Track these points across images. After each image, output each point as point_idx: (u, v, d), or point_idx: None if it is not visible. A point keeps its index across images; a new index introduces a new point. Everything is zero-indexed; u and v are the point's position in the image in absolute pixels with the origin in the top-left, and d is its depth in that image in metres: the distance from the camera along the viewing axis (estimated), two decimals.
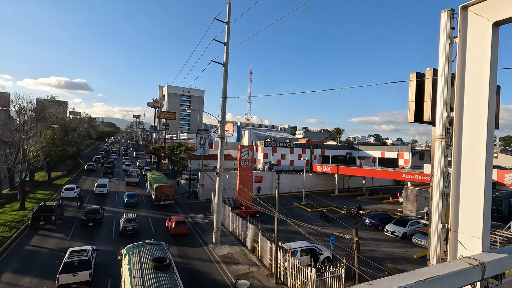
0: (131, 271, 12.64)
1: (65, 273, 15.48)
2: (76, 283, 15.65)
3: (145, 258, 13.79)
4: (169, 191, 34.41)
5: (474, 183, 3.17)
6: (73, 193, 35.31)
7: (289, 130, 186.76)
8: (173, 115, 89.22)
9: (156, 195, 33.96)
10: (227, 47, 23.62)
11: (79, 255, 16.69)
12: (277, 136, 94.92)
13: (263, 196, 37.78)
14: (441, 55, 3.55)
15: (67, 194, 35.14)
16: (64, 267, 15.74)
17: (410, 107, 4.80)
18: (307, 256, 19.40)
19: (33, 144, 30.70)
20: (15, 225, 24.68)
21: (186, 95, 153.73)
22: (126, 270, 13.04)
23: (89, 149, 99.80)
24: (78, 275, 15.66)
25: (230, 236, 25.09)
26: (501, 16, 2.97)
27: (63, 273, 15.45)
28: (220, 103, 24.03)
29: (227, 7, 23.35)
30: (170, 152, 61.20)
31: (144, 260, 13.53)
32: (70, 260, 16.09)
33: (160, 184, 34.79)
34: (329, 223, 29.21)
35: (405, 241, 25.73)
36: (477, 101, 3.15)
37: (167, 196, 34.16)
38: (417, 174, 36.65)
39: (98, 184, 38.37)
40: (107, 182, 39.74)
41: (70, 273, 15.55)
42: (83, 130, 65.63)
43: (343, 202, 39.40)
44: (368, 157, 73.59)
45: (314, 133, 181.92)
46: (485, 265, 2.70)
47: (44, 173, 46.81)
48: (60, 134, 44.72)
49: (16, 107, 34.25)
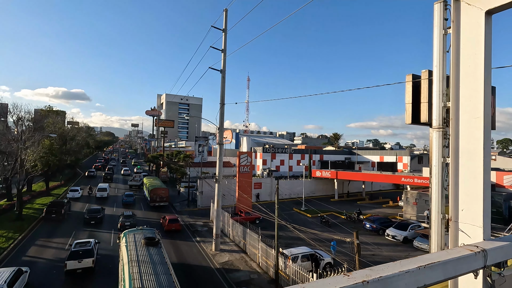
0: (127, 246, 15.48)
1: (71, 260, 17.79)
2: (81, 269, 17.89)
3: (138, 238, 16.66)
4: (163, 193, 37.24)
5: (473, 171, 3.16)
6: (77, 194, 40.09)
7: (287, 136, 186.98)
8: (172, 123, 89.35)
9: (151, 197, 36.69)
10: (224, 54, 23.81)
11: (83, 246, 19.06)
12: (276, 142, 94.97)
13: (262, 202, 37.59)
14: (436, 46, 3.59)
15: (72, 195, 39.68)
16: (70, 255, 18.15)
17: (407, 109, 4.82)
18: (308, 262, 19.19)
19: (31, 154, 30.54)
20: (12, 236, 24.36)
21: (184, 103, 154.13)
22: (124, 247, 15.81)
23: (88, 158, 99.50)
24: (83, 261, 17.97)
25: (230, 243, 24.84)
26: (493, 5, 3.02)
27: (70, 260, 17.77)
28: (218, 110, 24.11)
29: (224, 15, 23.64)
30: (168, 160, 61.05)
31: (138, 239, 16.41)
32: (76, 250, 18.50)
33: (155, 187, 37.74)
34: (329, 228, 29.00)
35: (407, 245, 25.54)
36: (473, 89, 3.17)
37: (162, 198, 36.93)
38: (416, 178, 36.62)
39: (99, 188, 41.69)
40: (107, 186, 42.61)
41: (75, 260, 17.83)
42: (81, 139, 65.54)
43: (343, 207, 39.22)
44: (367, 162, 73.61)
45: (312, 139, 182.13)
46: (487, 252, 2.67)
47: (42, 183, 46.46)
48: (58, 143, 44.59)
49: (14, 117, 34.19)
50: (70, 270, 17.61)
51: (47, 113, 58.82)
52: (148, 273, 12.92)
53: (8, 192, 35.99)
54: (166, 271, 13.49)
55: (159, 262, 14.25)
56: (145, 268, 13.38)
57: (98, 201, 38.99)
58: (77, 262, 17.83)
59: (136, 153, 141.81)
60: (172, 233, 26.76)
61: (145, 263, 13.80)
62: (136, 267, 13.38)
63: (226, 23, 23.71)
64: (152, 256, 14.58)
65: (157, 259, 14.48)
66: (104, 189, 41.25)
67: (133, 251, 14.93)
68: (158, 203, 36.51)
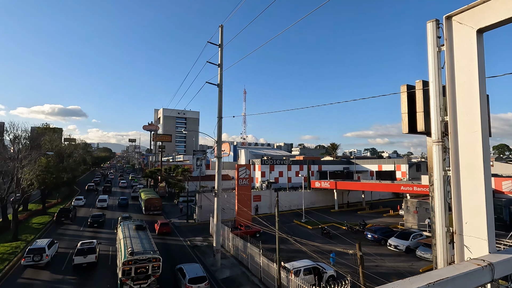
0: (123, 229, 22.55)
1: (78, 256, 21.47)
2: (86, 263, 21.64)
3: (130, 225, 23.93)
4: (156, 202, 41.25)
5: (474, 184, 3.20)
6: (81, 202, 46.99)
7: (285, 148, 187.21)
8: (169, 137, 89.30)
9: (145, 206, 40.65)
10: (221, 68, 24.13)
11: (87, 245, 22.76)
12: (274, 154, 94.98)
13: (262, 215, 37.22)
14: (430, 63, 3.70)
15: (77, 203, 46.54)
16: (77, 252, 21.79)
17: (403, 118, 4.90)
18: (311, 275, 18.86)
19: (27, 172, 30.21)
20: (7, 257, 23.76)
21: (182, 117, 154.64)
22: (120, 231, 22.86)
23: (85, 175, 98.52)
24: (88, 257, 21.65)
25: (230, 258, 24.42)
26: (484, 24, 3.15)
27: (77, 256, 21.48)
28: (216, 123, 24.22)
29: (219, 30, 24.11)
30: (166, 175, 60.64)
31: (130, 226, 23.55)
32: (81, 247, 22.19)
33: (149, 197, 41.92)
34: (331, 240, 28.67)
35: (409, 254, 25.26)
36: (469, 103, 3.26)
37: (155, 207, 40.91)
38: (415, 186, 36.63)
39: (99, 199, 46.71)
40: (106, 197, 47.94)
41: (81, 256, 21.52)
42: (79, 156, 65.20)
43: (344, 217, 38.91)
44: (366, 171, 73.66)
45: (310, 150, 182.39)
46: (494, 266, 2.68)
47: (38, 202, 45.77)
48: (55, 161, 44.26)
49: (10, 136, 34.01)
50: (77, 264, 21.41)
51: (44, 131, 58.65)
52: (136, 243, 19.47)
53: (4, 212, 35.33)
54: (149, 242, 20.20)
55: (145, 238, 20.99)
56: (135, 241, 19.97)
57: (99, 210, 43.82)
58: (82, 257, 21.52)
59: (134, 168, 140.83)
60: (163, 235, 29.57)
61: (134, 239, 20.44)
62: (129, 240, 20.06)
63: (222, 39, 24.14)
64: (140, 235, 21.47)
65: (143, 237, 21.24)
66: (104, 200, 46.45)
67: (126, 232, 21.85)
68: (152, 212, 40.45)
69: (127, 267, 17.14)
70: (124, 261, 17.11)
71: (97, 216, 34.99)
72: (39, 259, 21.40)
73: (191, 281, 17.29)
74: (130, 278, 17.19)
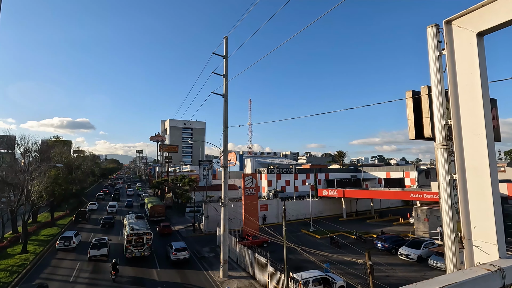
0: (128, 219, 32.33)
1: (93, 249, 26.16)
2: (99, 255, 26.28)
3: (132, 216, 33.70)
4: (160, 209, 45.67)
5: (481, 187, 3.15)
6: (94, 207, 55.40)
7: (291, 156, 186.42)
8: (176, 148, 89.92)
9: (150, 213, 45.20)
10: (226, 79, 24.43)
11: (100, 240, 27.45)
12: (280, 163, 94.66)
13: (269, 224, 36.86)
14: (432, 67, 3.71)
15: (91, 207, 54.71)
16: (92, 246, 26.53)
17: (410, 124, 4.88)
18: (320, 286, 18.46)
19: (37, 185, 30.69)
20: (16, 269, 23.92)
21: (188, 128, 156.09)
22: (126, 220, 32.58)
23: (93, 186, 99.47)
24: (101, 250, 26.35)
25: (238, 269, 24.11)
26: (483, 27, 3.17)
27: (92, 249, 26.16)
28: (222, 133, 24.37)
29: (224, 42, 24.51)
30: (173, 185, 60.83)
31: (132, 216, 33.62)
32: (95, 242, 26.93)
33: (153, 204, 46.76)
34: (339, 249, 28.13)
35: (421, 264, 24.56)
36: (472, 106, 3.24)
37: (159, 214, 45.19)
38: (425, 193, 35.89)
39: (109, 205, 53.20)
40: (115, 203, 54.48)
41: (95, 249, 26.19)
42: (87, 167, 66.04)
43: (353, 226, 38.24)
44: (374, 179, 72.65)
45: (316, 158, 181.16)
46: (504, 271, 2.61)
47: (47, 214, 46.24)
48: (64, 172, 44.90)
49: (21, 149, 34.76)
50: (92, 256, 25.98)
51: (54, 143, 59.81)
52: (135, 224, 28.60)
53: (13, 224, 35.78)
54: (145, 225, 29.91)
55: (142, 223, 30.42)
56: (135, 223, 29.10)
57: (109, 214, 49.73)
58: (96, 250, 26.16)
59: (141, 179, 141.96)
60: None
61: (135, 223, 29.22)
62: (131, 224, 28.59)
63: (227, 50, 24.53)
64: (139, 222, 30.62)
65: (141, 222, 30.69)
66: (114, 205, 53.01)
67: (129, 220, 31.25)
68: (156, 218, 44.36)
69: (130, 238, 25.90)
70: (127, 234, 26.15)
71: (108, 219, 41.23)
72: (68, 244, 29.13)
73: (176, 250, 25.42)
74: (132, 245, 25.81)
